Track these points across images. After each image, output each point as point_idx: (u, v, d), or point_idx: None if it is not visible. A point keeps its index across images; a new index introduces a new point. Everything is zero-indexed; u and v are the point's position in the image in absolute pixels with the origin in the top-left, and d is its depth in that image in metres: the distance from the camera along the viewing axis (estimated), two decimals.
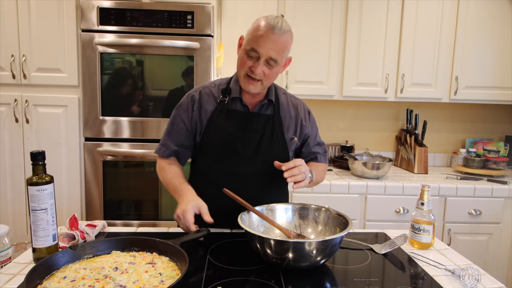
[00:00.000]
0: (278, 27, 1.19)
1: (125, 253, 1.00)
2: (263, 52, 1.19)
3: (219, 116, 1.31)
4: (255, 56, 1.21)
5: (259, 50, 1.19)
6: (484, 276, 0.99)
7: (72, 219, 1.13)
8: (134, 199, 2.28)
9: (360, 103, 2.78)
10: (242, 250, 1.11)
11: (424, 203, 1.19)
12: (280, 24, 1.20)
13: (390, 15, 2.43)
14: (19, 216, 2.25)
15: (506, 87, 2.52)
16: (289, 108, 1.39)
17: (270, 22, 1.19)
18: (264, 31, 1.18)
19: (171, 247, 0.97)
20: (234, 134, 1.30)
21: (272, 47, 1.19)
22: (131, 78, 2.19)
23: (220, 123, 1.31)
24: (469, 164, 2.59)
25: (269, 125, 1.33)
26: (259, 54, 1.20)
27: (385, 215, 2.25)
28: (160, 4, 2.12)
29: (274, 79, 1.28)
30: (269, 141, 1.33)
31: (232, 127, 1.30)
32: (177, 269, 0.91)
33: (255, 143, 1.31)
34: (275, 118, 1.34)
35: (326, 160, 1.54)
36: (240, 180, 1.30)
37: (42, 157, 0.97)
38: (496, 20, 2.44)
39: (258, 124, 1.32)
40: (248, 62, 1.22)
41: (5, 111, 2.18)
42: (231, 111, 1.32)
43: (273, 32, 1.18)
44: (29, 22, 2.13)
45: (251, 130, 1.31)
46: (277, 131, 1.34)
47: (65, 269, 0.91)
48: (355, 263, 1.07)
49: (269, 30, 1.18)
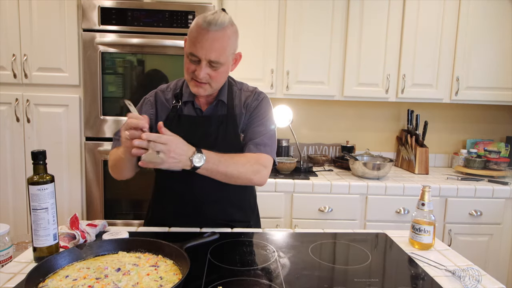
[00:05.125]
0: (214, 23, 1.09)
1: (131, 254, 1.00)
2: (202, 55, 1.12)
3: (171, 123, 1.25)
4: (196, 59, 1.14)
5: (197, 54, 1.12)
6: (485, 277, 0.99)
7: (73, 218, 1.13)
8: (134, 198, 2.28)
9: (361, 103, 2.78)
10: (242, 250, 1.11)
11: (424, 204, 1.19)
12: (217, 19, 1.10)
13: (391, 15, 2.43)
14: (19, 215, 2.26)
15: (507, 87, 2.52)
16: (241, 104, 1.30)
17: (206, 19, 1.10)
18: (200, 31, 1.10)
19: (176, 250, 0.97)
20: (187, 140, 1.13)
21: (210, 48, 1.11)
22: (132, 78, 2.19)
23: (172, 130, 1.12)
24: (470, 164, 2.59)
25: (222, 126, 1.26)
26: (199, 58, 1.13)
27: (385, 215, 2.25)
28: (161, 4, 2.12)
29: (223, 79, 1.22)
30: (223, 144, 1.25)
31: (184, 133, 1.16)
32: (179, 273, 0.91)
33: (209, 147, 1.17)
34: (228, 119, 1.27)
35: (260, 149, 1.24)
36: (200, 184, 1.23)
37: (43, 156, 0.97)
38: (497, 20, 2.44)
39: (211, 128, 1.26)
40: (191, 66, 1.16)
41: (6, 110, 2.19)
42: (182, 117, 1.26)
43: (209, 30, 1.10)
44: (30, 22, 2.13)
45: (203, 135, 1.25)
46: (230, 132, 1.27)
47: (69, 267, 0.92)
48: (355, 263, 1.07)
49: (204, 29, 1.10)
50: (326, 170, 2.59)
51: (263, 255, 1.09)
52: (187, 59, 1.17)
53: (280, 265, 1.02)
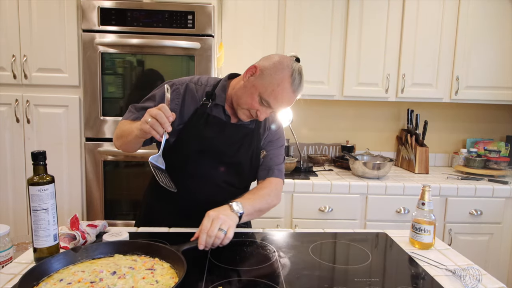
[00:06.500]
0: (300, 90, 1.20)
1: (127, 257, 0.99)
2: (277, 109, 1.20)
3: (199, 119, 1.25)
4: (267, 106, 1.19)
5: (274, 107, 1.19)
6: (485, 276, 0.99)
7: (74, 219, 1.13)
8: (134, 199, 2.28)
9: (361, 103, 2.78)
10: (243, 250, 1.11)
11: (425, 203, 1.19)
12: (301, 85, 1.20)
13: (391, 15, 2.43)
14: (20, 216, 2.26)
15: (507, 87, 2.52)
16: (265, 124, 1.36)
17: (295, 82, 1.17)
18: (286, 93, 1.17)
19: (173, 253, 0.96)
20: (212, 140, 1.25)
21: (286, 106, 1.21)
22: (132, 78, 2.19)
23: (199, 126, 1.25)
24: (470, 164, 2.59)
25: (248, 138, 1.30)
26: (271, 108, 1.20)
27: (386, 215, 2.25)
28: (160, 4, 2.12)
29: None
30: (245, 155, 1.29)
31: (210, 132, 1.25)
32: (176, 276, 0.89)
33: (232, 153, 1.27)
34: (254, 132, 1.31)
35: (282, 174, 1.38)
36: (205, 184, 1.27)
37: (43, 157, 0.97)
38: (497, 20, 2.44)
39: (237, 135, 1.29)
40: (257, 106, 1.19)
41: (6, 111, 2.19)
42: (211, 117, 1.26)
43: (294, 94, 1.19)
44: (30, 22, 2.13)
45: (229, 141, 1.27)
46: (254, 145, 1.31)
47: (64, 271, 0.91)
48: (355, 263, 1.07)
49: (291, 92, 1.17)
50: (326, 170, 2.59)
51: (264, 255, 1.09)
52: (257, 98, 1.18)
53: (280, 265, 1.02)
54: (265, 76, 1.17)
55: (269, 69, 1.18)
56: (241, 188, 1.35)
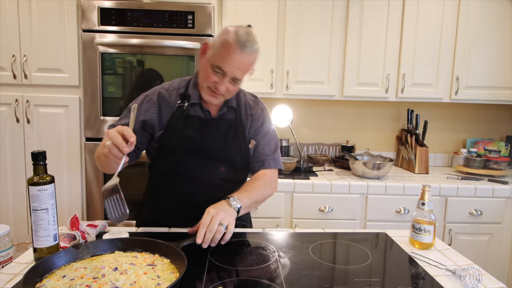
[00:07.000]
0: (249, 45, 1.13)
1: (127, 254, 1.00)
2: (229, 72, 1.15)
3: (178, 122, 1.25)
4: (220, 73, 1.16)
5: (226, 70, 1.15)
6: (485, 276, 0.99)
7: (73, 219, 1.13)
8: (134, 199, 2.27)
9: (360, 103, 2.78)
10: (243, 250, 1.11)
11: (425, 203, 1.19)
12: (251, 41, 1.14)
13: (391, 15, 2.43)
14: (20, 216, 2.26)
15: (507, 87, 2.52)
16: (246, 112, 1.35)
17: (239, 39, 1.12)
18: (232, 49, 1.12)
19: (172, 249, 0.97)
20: (196, 139, 1.25)
21: (239, 67, 1.15)
22: (132, 78, 2.19)
23: (179, 129, 1.25)
24: (470, 164, 2.59)
25: (231, 130, 1.29)
26: (225, 73, 1.16)
27: (386, 215, 2.25)
28: (160, 4, 2.12)
29: (237, 91, 1.27)
30: (232, 147, 1.29)
31: (193, 132, 1.25)
32: (177, 271, 0.91)
33: (218, 148, 1.27)
34: (237, 123, 1.31)
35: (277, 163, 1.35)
36: (201, 183, 1.28)
37: (43, 157, 0.97)
38: (497, 20, 2.44)
39: (220, 129, 1.28)
40: (212, 77, 1.17)
41: (6, 111, 2.19)
42: (190, 117, 1.26)
43: (243, 52, 1.13)
44: (30, 22, 2.13)
45: (213, 136, 1.27)
46: (239, 136, 1.30)
47: (66, 267, 0.92)
48: (355, 263, 1.07)
49: (237, 49, 1.12)
50: (326, 170, 2.59)
51: (264, 255, 1.09)
52: (210, 69, 1.17)
53: (280, 265, 1.02)
54: (212, 46, 1.19)
55: (215, 38, 1.20)
56: (239, 182, 1.33)
